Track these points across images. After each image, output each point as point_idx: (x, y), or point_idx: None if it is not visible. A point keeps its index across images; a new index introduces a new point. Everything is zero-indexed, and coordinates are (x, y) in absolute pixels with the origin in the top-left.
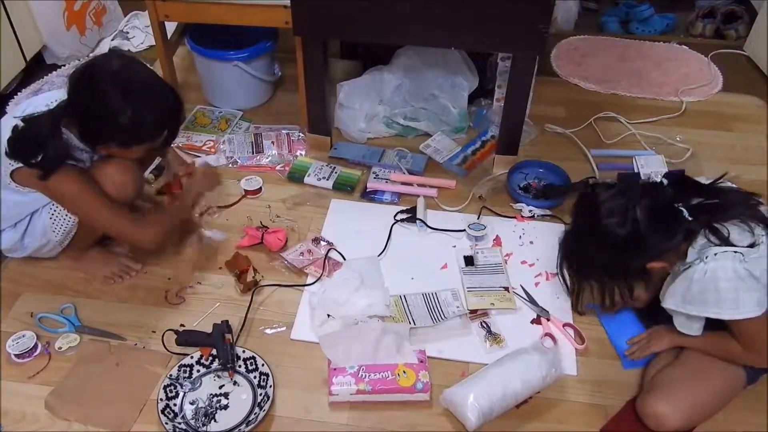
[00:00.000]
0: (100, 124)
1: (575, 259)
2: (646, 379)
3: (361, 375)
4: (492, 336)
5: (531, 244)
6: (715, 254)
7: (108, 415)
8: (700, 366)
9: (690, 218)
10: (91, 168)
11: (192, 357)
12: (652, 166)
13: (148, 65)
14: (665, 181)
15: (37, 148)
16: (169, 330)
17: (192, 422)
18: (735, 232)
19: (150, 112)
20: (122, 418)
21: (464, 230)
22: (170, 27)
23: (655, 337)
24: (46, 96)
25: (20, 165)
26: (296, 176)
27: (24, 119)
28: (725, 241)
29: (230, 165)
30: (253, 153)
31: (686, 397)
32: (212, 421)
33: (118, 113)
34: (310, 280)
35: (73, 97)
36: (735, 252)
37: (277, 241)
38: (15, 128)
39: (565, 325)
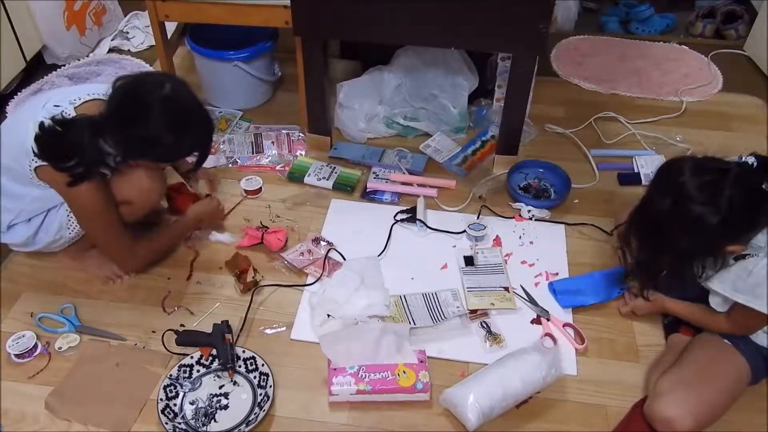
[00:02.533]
0: (142, 145)
1: (649, 239)
2: (650, 383)
3: (361, 375)
4: (492, 336)
5: (531, 244)
6: None
7: (108, 415)
8: (707, 367)
9: None
10: (116, 171)
11: (192, 357)
12: (652, 166)
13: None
14: (754, 162)
15: (72, 154)
16: (169, 330)
17: (192, 422)
18: None
19: (191, 138)
20: (122, 418)
21: (464, 231)
22: (170, 27)
23: (637, 305)
24: (70, 91)
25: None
26: (296, 176)
27: (56, 120)
28: None
29: (230, 165)
30: (253, 153)
31: (694, 399)
32: (212, 421)
33: (162, 138)
34: (310, 280)
35: (117, 111)
36: None
37: (277, 241)
38: (42, 126)
39: (565, 325)
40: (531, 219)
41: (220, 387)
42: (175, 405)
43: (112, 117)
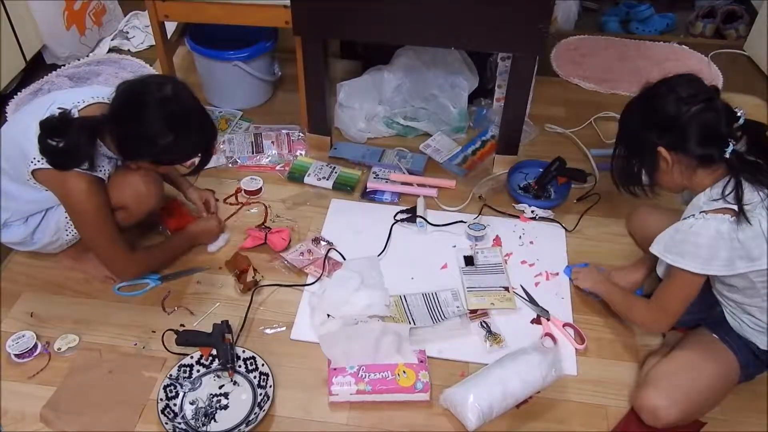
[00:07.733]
0: (140, 144)
1: (622, 122)
2: (641, 375)
3: (361, 375)
4: (492, 336)
5: (531, 244)
6: (706, 213)
7: (108, 421)
8: (694, 359)
9: (726, 156)
10: (114, 174)
11: (192, 357)
12: None
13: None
14: (742, 121)
15: (70, 154)
16: (169, 330)
17: (192, 422)
18: (751, 192)
19: (189, 140)
20: (123, 423)
21: (463, 222)
22: (170, 27)
23: (583, 276)
24: (75, 94)
25: (44, 166)
26: (296, 176)
27: (56, 119)
28: (737, 199)
29: (230, 165)
30: (253, 153)
31: (681, 390)
32: (212, 421)
33: (159, 137)
34: (310, 280)
35: (118, 111)
36: (726, 215)
37: (281, 241)
38: (43, 126)
39: (565, 325)
40: (535, 218)
41: (220, 387)
42: (175, 405)
43: (111, 117)
